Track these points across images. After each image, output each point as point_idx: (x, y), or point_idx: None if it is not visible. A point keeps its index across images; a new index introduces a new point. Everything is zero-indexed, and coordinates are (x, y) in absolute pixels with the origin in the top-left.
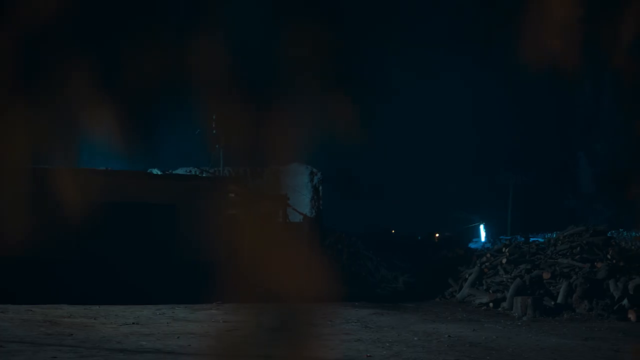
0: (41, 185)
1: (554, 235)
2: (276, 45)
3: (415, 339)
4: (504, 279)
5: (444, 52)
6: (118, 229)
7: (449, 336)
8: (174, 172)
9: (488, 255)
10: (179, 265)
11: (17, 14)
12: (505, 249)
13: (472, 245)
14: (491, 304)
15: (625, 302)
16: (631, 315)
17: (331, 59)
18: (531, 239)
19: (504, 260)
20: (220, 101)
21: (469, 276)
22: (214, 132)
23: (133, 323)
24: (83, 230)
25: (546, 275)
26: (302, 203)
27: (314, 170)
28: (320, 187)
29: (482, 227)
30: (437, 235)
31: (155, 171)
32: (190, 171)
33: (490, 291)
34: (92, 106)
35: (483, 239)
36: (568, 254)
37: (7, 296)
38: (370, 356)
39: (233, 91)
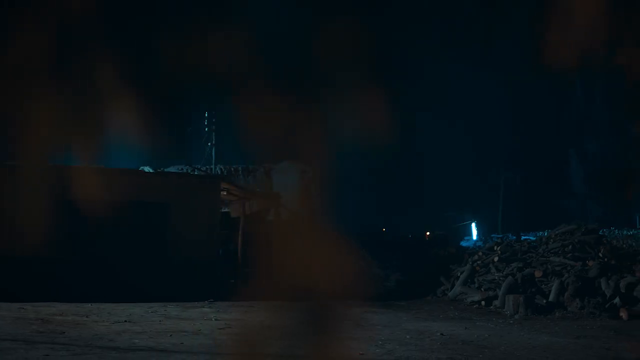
0: (31, 183)
1: (546, 234)
2: (302, 38)
3: (408, 337)
4: (496, 277)
5: (440, 52)
6: (110, 227)
7: (442, 334)
8: (166, 170)
9: (480, 253)
10: (171, 263)
11: (39, 8)
12: (497, 247)
13: (463, 244)
14: (483, 302)
15: (616, 300)
16: (623, 314)
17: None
18: (523, 238)
19: (496, 259)
20: (251, 98)
21: (460, 274)
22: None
23: (125, 321)
24: (75, 229)
25: (538, 274)
26: (294, 201)
27: (306, 168)
28: (312, 186)
29: (473, 225)
30: (428, 233)
31: (148, 169)
32: (182, 169)
33: (482, 289)
34: (116, 102)
35: (475, 237)
36: (560, 252)
37: None
38: (362, 354)
39: (259, 88)
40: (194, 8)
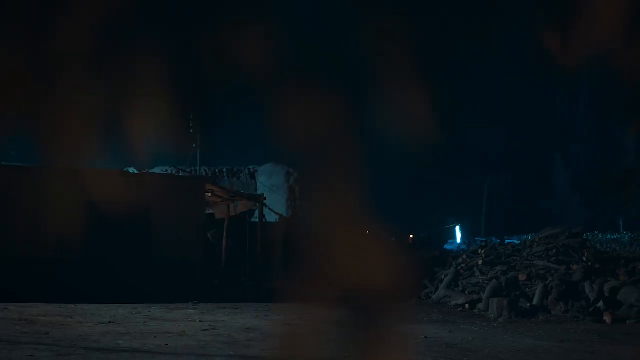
0: (17, 184)
1: (530, 237)
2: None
3: (392, 339)
4: (480, 281)
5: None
6: (93, 228)
7: (426, 337)
8: (150, 171)
9: (464, 256)
10: (155, 264)
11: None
12: (481, 250)
13: (447, 247)
14: (467, 305)
15: (600, 304)
16: (607, 318)
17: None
18: (507, 241)
19: (480, 262)
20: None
21: (445, 277)
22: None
23: (109, 322)
24: (57, 229)
25: (522, 277)
26: (279, 203)
27: (291, 170)
28: (297, 188)
29: (457, 228)
30: (411, 236)
31: (132, 170)
32: (166, 170)
33: (466, 292)
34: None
35: (459, 240)
36: (544, 256)
37: None
38: (347, 357)
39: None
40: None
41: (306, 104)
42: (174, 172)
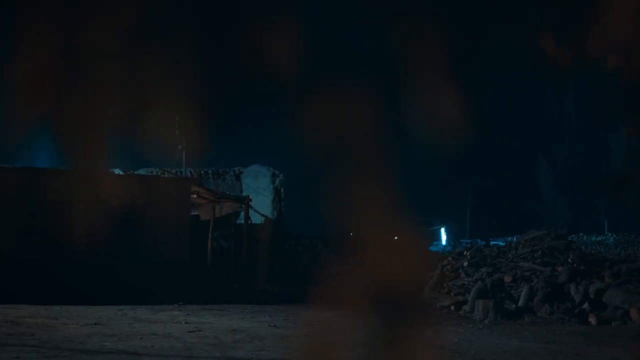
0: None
1: (515, 239)
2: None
3: (379, 341)
4: (465, 282)
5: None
6: (77, 229)
7: (412, 338)
8: (136, 172)
9: (449, 258)
10: (141, 265)
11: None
12: (467, 252)
13: (432, 249)
14: (453, 307)
15: (586, 306)
16: (592, 319)
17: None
18: (492, 243)
19: (465, 264)
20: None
21: (430, 279)
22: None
23: (95, 323)
24: (42, 230)
25: (507, 279)
26: (264, 205)
27: (276, 172)
28: (282, 190)
29: (442, 230)
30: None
31: (117, 171)
32: (152, 172)
33: (452, 294)
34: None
35: (444, 242)
36: (529, 257)
37: None
38: (334, 358)
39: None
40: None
41: (323, 105)
42: (159, 174)
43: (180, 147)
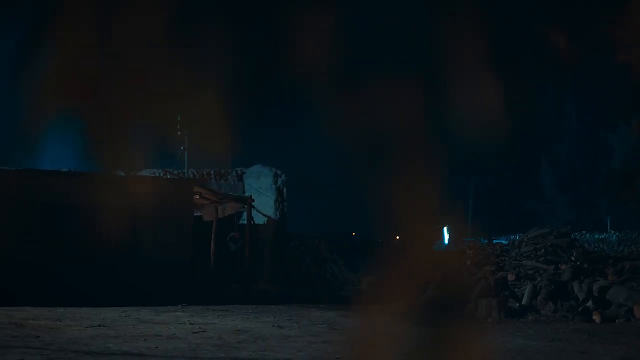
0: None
1: (518, 237)
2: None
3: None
4: (469, 281)
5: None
6: (80, 231)
7: (417, 337)
8: (138, 173)
9: (452, 257)
10: (144, 267)
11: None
12: (469, 251)
13: (435, 248)
14: (456, 306)
15: (589, 303)
16: (596, 317)
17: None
18: (495, 241)
19: (468, 262)
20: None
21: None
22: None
23: (99, 325)
24: (45, 232)
25: (511, 277)
26: (267, 205)
27: (278, 172)
28: (285, 189)
29: (445, 229)
30: (397, 237)
31: (120, 173)
32: (154, 173)
33: (455, 293)
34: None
35: (446, 241)
36: (532, 255)
37: None
38: (339, 358)
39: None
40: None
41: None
42: (161, 175)
43: (182, 147)
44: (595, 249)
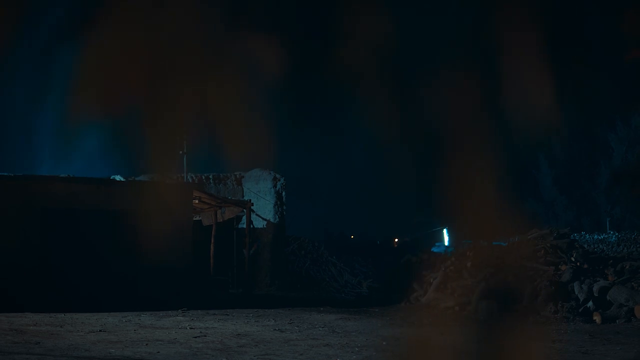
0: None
1: (517, 239)
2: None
3: (384, 343)
4: (469, 283)
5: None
6: (81, 236)
7: (418, 340)
8: (137, 178)
9: (453, 259)
10: (144, 272)
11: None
12: (470, 253)
13: (435, 250)
14: (457, 308)
15: (590, 304)
16: (596, 318)
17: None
18: (494, 243)
19: (469, 264)
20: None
21: (433, 280)
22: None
23: (100, 330)
24: (45, 238)
25: (511, 279)
26: (266, 209)
27: (277, 175)
28: (284, 193)
29: (445, 231)
30: (396, 240)
31: (119, 178)
32: (153, 178)
33: (456, 295)
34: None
35: (447, 243)
36: (532, 257)
37: None
38: None
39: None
40: None
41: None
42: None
43: (181, 152)
44: (595, 249)
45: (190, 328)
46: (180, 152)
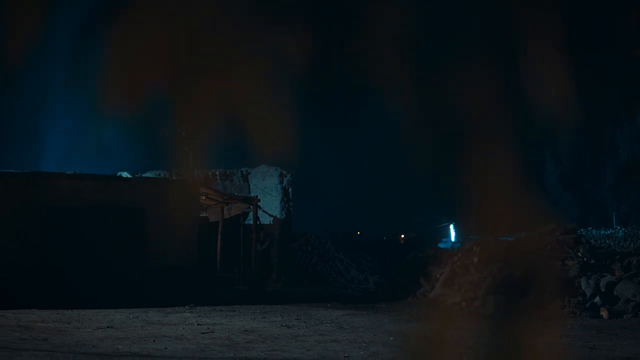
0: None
1: (524, 234)
2: None
3: (392, 339)
4: (476, 278)
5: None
6: (87, 234)
7: (425, 336)
8: (143, 175)
9: (459, 254)
10: (150, 268)
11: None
12: (476, 248)
13: (441, 245)
14: (464, 303)
15: (597, 299)
16: (603, 313)
17: None
18: (501, 238)
19: (476, 260)
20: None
21: (440, 276)
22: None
23: (107, 327)
24: (51, 235)
25: (518, 274)
26: (272, 205)
27: (284, 171)
28: (290, 189)
29: (452, 227)
30: (402, 236)
31: (125, 174)
32: (159, 174)
33: (463, 290)
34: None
35: (453, 238)
36: (539, 252)
37: None
38: (347, 357)
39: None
40: None
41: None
42: (167, 176)
43: (187, 149)
44: (602, 244)
45: (198, 324)
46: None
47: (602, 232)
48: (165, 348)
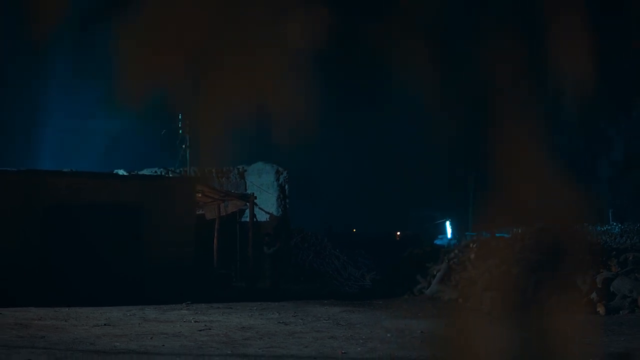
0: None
1: (520, 231)
2: None
3: (389, 335)
4: (473, 275)
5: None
6: (84, 231)
7: (422, 332)
8: (139, 172)
9: (456, 251)
10: (147, 266)
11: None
12: (473, 244)
13: (438, 242)
14: (460, 300)
15: (593, 295)
16: (600, 309)
17: None
18: (497, 235)
19: (472, 256)
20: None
21: (437, 272)
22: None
23: (105, 324)
24: (47, 233)
25: (514, 270)
26: (269, 202)
27: (280, 169)
28: (287, 186)
29: (448, 223)
30: (398, 233)
31: (122, 172)
32: (156, 171)
33: (459, 287)
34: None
35: (449, 235)
36: (536, 248)
37: None
38: (345, 353)
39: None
40: None
41: None
42: (163, 173)
43: (184, 146)
44: (598, 241)
45: (195, 321)
46: (183, 146)
47: (599, 228)
48: (163, 345)
